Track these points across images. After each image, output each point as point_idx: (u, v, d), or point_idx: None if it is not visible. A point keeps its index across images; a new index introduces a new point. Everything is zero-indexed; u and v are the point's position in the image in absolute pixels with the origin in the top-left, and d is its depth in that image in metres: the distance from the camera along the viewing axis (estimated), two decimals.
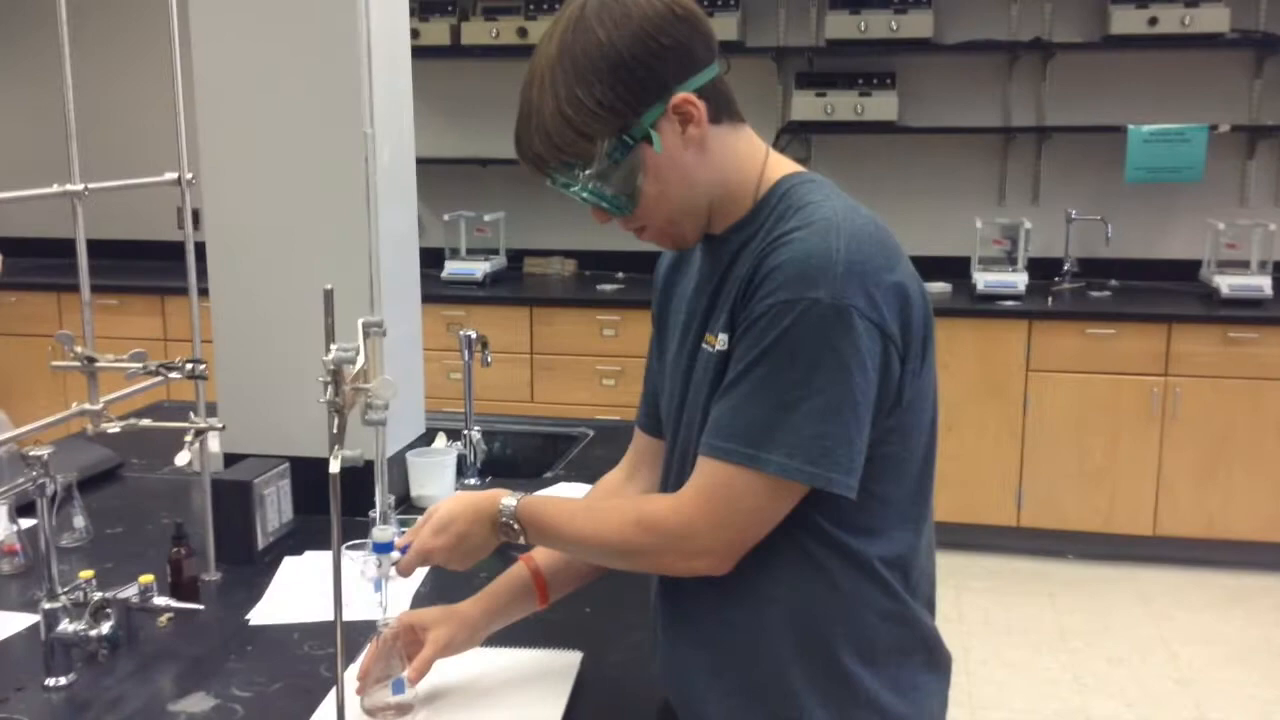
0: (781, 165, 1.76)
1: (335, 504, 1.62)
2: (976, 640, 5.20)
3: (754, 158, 1.75)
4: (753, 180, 1.73)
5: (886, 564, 1.71)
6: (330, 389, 1.65)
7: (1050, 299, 6.11)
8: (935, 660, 1.81)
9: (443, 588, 2.40)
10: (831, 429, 1.57)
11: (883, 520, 1.70)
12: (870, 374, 1.58)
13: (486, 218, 6.84)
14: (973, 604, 5.57)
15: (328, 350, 1.65)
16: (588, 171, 1.67)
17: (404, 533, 1.92)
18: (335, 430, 1.64)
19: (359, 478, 1.73)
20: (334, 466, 1.61)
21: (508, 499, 1.82)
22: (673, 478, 1.82)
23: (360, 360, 1.68)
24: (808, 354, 1.55)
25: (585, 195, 1.69)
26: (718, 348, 1.68)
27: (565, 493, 2.95)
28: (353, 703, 1.88)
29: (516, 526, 1.81)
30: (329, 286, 1.67)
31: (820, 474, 1.58)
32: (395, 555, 1.88)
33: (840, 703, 1.71)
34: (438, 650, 1.93)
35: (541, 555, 2.02)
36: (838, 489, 1.60)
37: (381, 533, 1.88)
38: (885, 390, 1.62)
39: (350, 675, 1.93)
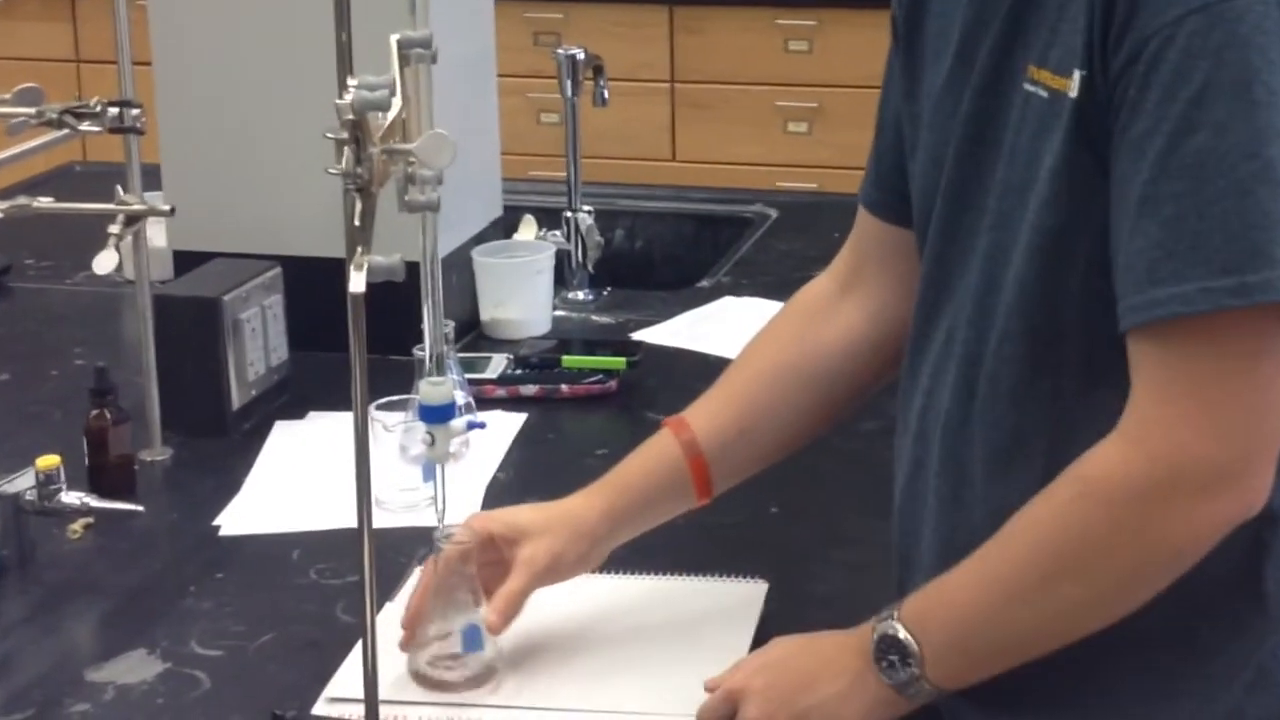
0: None
1: (357, 339, 1.56)
2: None
3: None
4: None
5: None
6: (348, 153, 1.60)
7: None
8: None
9: (534, 470, 2.44)
10: None
11: None
12: None
13: None
14: None
15: (343, 89, 1.60)
16: None
17: (467, 386, 1.88)
18: (358, 221, 1.59)
19: (396, 293, 1.67)
20: (355, 282, 1.58)
21: (885, 624, 1.68)
22: (934, 299, 1.76)
23: (396, 104, 1.65)
24: (1271, 85, 1.48)
25: None
26: (1071, 93, 1.58)
27: (733, 311, 3.05)
28: (392, 665, 1.85)
29: (914, 649, 1.66)
30: None
31: None
32: (459, 425, 1.88)
33: None
34: (534, 577, 1.91)
35: (701, 415, 2.02)
36: None
37: (434, 388, 1.88)
38: None
39: (389, 619, 1.92)
